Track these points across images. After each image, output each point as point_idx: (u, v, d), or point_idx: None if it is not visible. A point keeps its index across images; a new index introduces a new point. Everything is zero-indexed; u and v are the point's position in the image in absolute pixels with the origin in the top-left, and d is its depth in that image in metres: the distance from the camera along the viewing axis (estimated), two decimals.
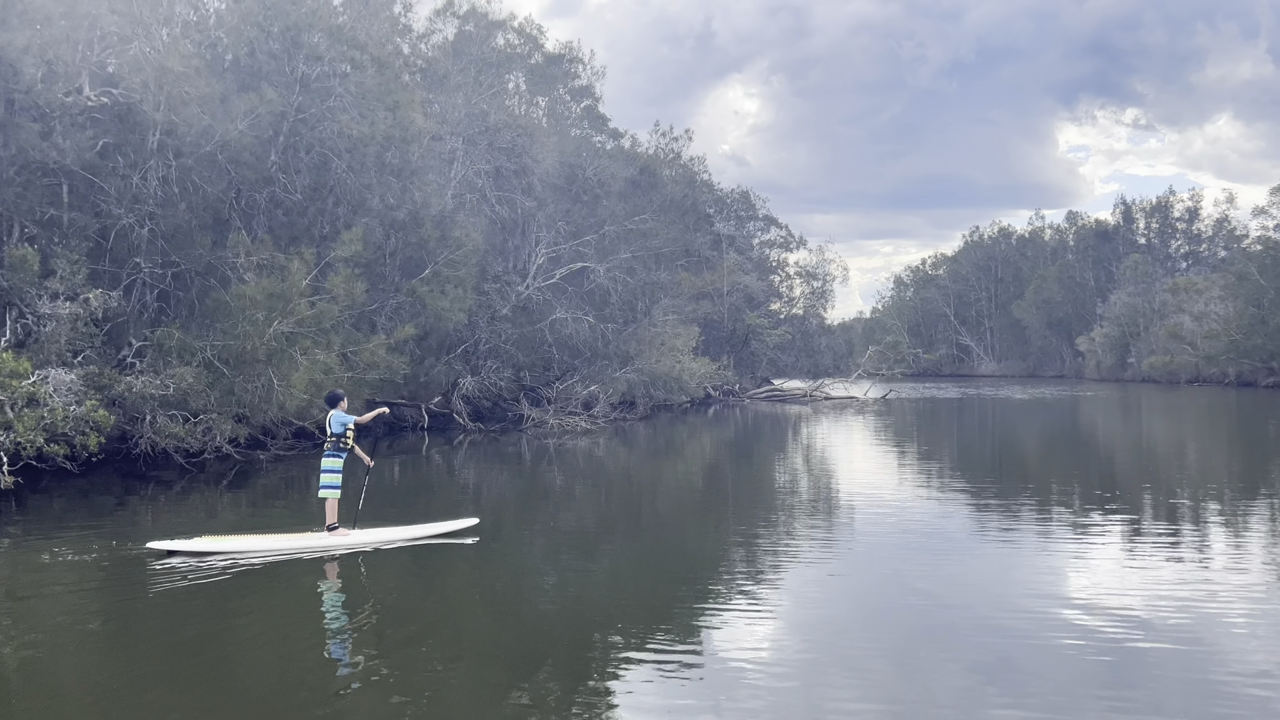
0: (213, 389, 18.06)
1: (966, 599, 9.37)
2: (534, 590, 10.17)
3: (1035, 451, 26.50)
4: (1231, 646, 7.68)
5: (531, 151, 35.82)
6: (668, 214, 48.36)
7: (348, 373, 19.07)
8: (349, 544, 11.47)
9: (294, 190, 23.02)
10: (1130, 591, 9.45)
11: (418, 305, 23.79)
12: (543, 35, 44.35)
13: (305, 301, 18.33)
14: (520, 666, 7.51)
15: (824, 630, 8.49)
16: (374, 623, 8.90)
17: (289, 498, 16.70)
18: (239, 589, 9.77)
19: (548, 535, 13.19)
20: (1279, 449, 25.28)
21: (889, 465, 22.34)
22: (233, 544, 11.03)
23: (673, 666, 7.45)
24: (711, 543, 12.84)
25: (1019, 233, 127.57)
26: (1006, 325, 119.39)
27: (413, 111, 23.48)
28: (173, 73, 18.02)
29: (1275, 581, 9.92)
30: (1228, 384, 69.46)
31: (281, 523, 13.29)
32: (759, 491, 18.37)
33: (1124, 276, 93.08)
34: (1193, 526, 13.08)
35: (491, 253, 35.98)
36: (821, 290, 67.78)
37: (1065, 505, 15.31)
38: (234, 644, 8.13)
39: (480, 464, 22.14)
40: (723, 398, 52.57)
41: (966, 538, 12.64)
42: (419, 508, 14.84)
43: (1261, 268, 69.93)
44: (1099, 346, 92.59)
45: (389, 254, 25.94)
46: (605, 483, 19.45)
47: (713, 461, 23.96)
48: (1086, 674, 7.07)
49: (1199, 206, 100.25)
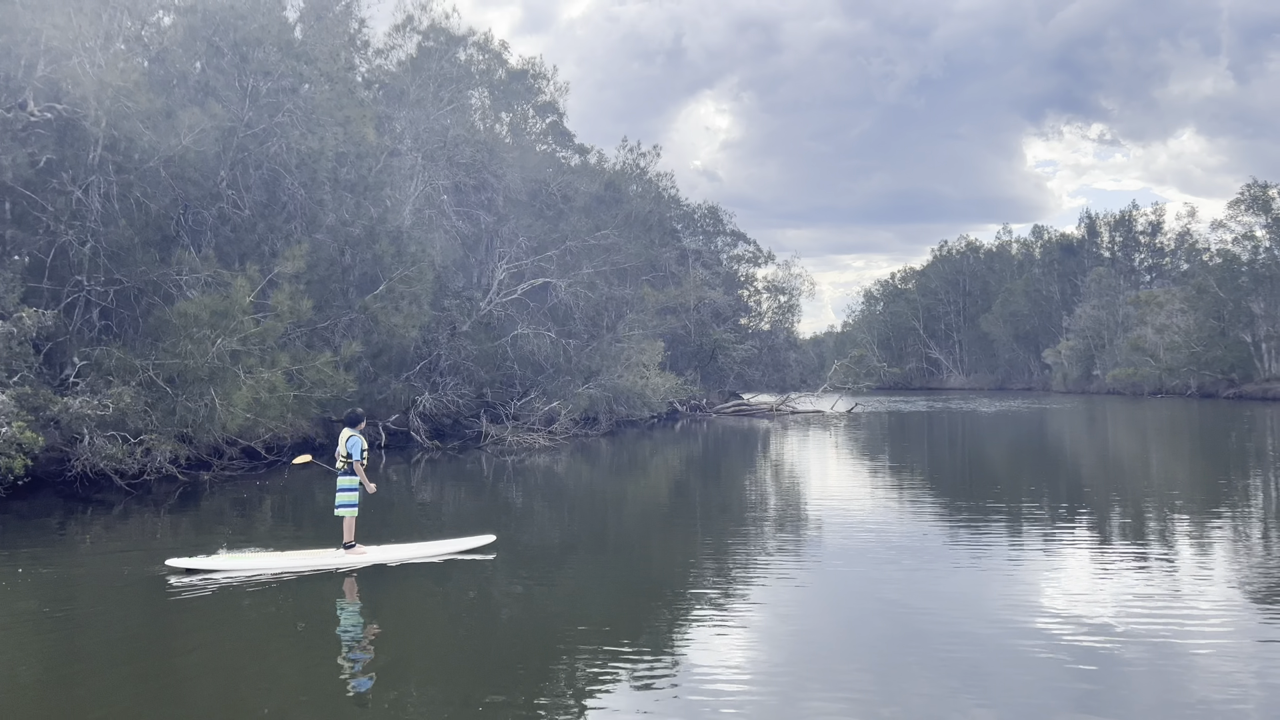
0: (154, 409, 17.69)
1: (938, 609, 9.37)
2: (499, 608, 10.01)
3: (1004, 464, 26.60)
4: (1199, 654, 7.75)
5: (492, 167, 35.71)
6: (632, 229, 48.39)
7: (294, 391, 18.75)
8: (366, 561, 11.46)
9: (243, 206, 22.71)
10: (1099, 601, 9.51)
11: (370, 322, 23.50)
12: (506, 51, 44.44)
13: (249, 319, 18.01)
14: (487, 685, 7.39)
15: (797, 641, 8.48)
16: (339, 642, 8.65)
17: (232, 520, 16.32)
18: (238, 606, 9.60)
19: (512, 551, 12.94)
20: (1239, 460, 25.52)
21: (857, 479, 22.28)
22: (251, 562, 11.07)
23: (645, 681, 7.41)
24: (680, 557, 12.69)
25: (986, 247, 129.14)
26: (975, 338, 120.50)
27: (365, 127, 23.28)
28: (112, 87, 17.72)
29: (1239, 590, 9.99)
30: (1189, 395, 70.38)
31: (225, 544, 13.02)
32: (726, 506, 18.19)
33: (1089, 290, 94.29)
34: (1159, 537, 13.17)
35: (452, 268, 35.76)
36: (788, 305, 67.92)
37: (1034, 516, 15.31)
38: (198, 666, 7.85)
39: (438, 482, 21.85)
40: (690, 413, 52.50)
41: (937, 549, 12.62)
42: (389, 528, 14.57)
43: (1220, 281, 71.04)
44: (1065, 359, 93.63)
45: (343, 270, 25.65)
46: (568, 499, 19.21)
47: (678, 477, 23.80)
48: (1057, 683, 7.12)
49: (1161, 220, 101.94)
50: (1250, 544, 12.77)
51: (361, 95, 27.88)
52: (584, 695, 7.19)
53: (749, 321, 71.16)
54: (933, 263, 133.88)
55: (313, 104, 22.25)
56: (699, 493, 20.47)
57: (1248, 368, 69.85)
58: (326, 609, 10.07)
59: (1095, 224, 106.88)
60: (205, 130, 20.15)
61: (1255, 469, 22.68)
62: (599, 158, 60.41)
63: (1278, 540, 13.12)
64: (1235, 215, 70.88)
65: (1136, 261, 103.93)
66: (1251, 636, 8.26)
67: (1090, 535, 13.26)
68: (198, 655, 8.29)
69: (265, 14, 22.72)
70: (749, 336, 64.34)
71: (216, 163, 22.24)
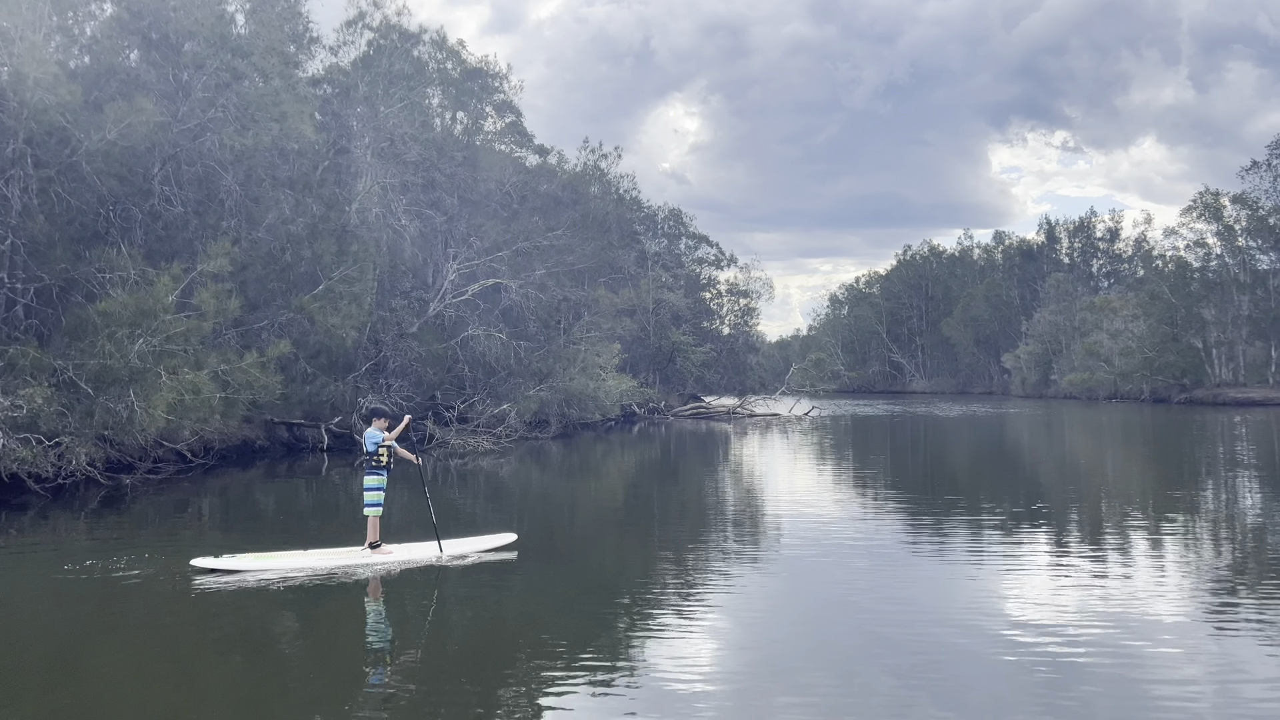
0: (71, 411, 17.16)
1: (899, 611, 9.38)
2: (450, 616, 9.76)
3: (964, 468, 26.67)
4: (1157, 656, 7.83)
5: (443, 166, 35.30)
6: (590, 230, 48.11)
7: (221, 393, 18.28)
8: (391, 561, 11.50)
9: (175, 203, 22.18)
10: (1058, 603, 9.55)
11: (307, 322, 23.05)
12: (464, 49, 44.01)
13: (172, 318, 17.52)
14: (442, 695, 7.23)
15: (757, 642, 8.44)
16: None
17: (157, 524, 15.82)
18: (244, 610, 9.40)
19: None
20: (1191, 465, 25.84)
21: (815, 483, 22.11)
22: (275, 561, 11.11)
23: (601, 685, 7.30)
24: (636, 561, 12.46)
25: (949, 252, 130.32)
26: (937, 343, 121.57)
27: (302, 123, 22.82)
28: (31, 79, 17.19)
29: (1193, 592, 10.04)
30: (1143, 400, 71.37)
31: (155, 549, 12.63)
32: (684, 510, 17.90)
33: (1047, 295, 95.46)
34: (1115, 540, 13.24)
35: (401, 269, 35.31)
36: (748, 308, 68.01)
37: (994, 520, 15.30)
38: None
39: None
40: (647, 415, 52.32)
41: (896, 552, 12.58)
42: (329, 532, 14.23)
43: (1173, 287, 72.14)
44: (1023, 364, 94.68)
45: (282, 269, 25.16)
46: (516, 503, 18.85)
47: (630, 480, 23.50)
48: (1017, 683, 7.18)
49: (1119, 227, 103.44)
50: (1202, 547, 12.94)
51: (305, 91, 27.36)
52: (539, 700, 7.07)
53: (713, 324, 71.25)
54: (896, 267, 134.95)
55: (245, 99, 21.76)
56: (654, 496, 20.20)
57: (1199, 373, 70.99)
58: (342, 610, 10.02)
59: (1055, 230, 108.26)
60: (132, 125, 19.63)
61: (1207, 474, 22.95)
62: (559, 158, 60.18)
63: (1229, 543, 13.31)
64: (1188, 223, 72.05)
65: (1095, 268, 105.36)
66: (1205, 637, 8.37)
67: (1049, 538, 13.34)
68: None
69: (200, 7, 22.22)
70: (708, 339, 64.26)
71: (148, 158, 21.70)
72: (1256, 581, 10.54)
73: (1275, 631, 8.48)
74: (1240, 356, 71.44)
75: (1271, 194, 70.42)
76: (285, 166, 26.51)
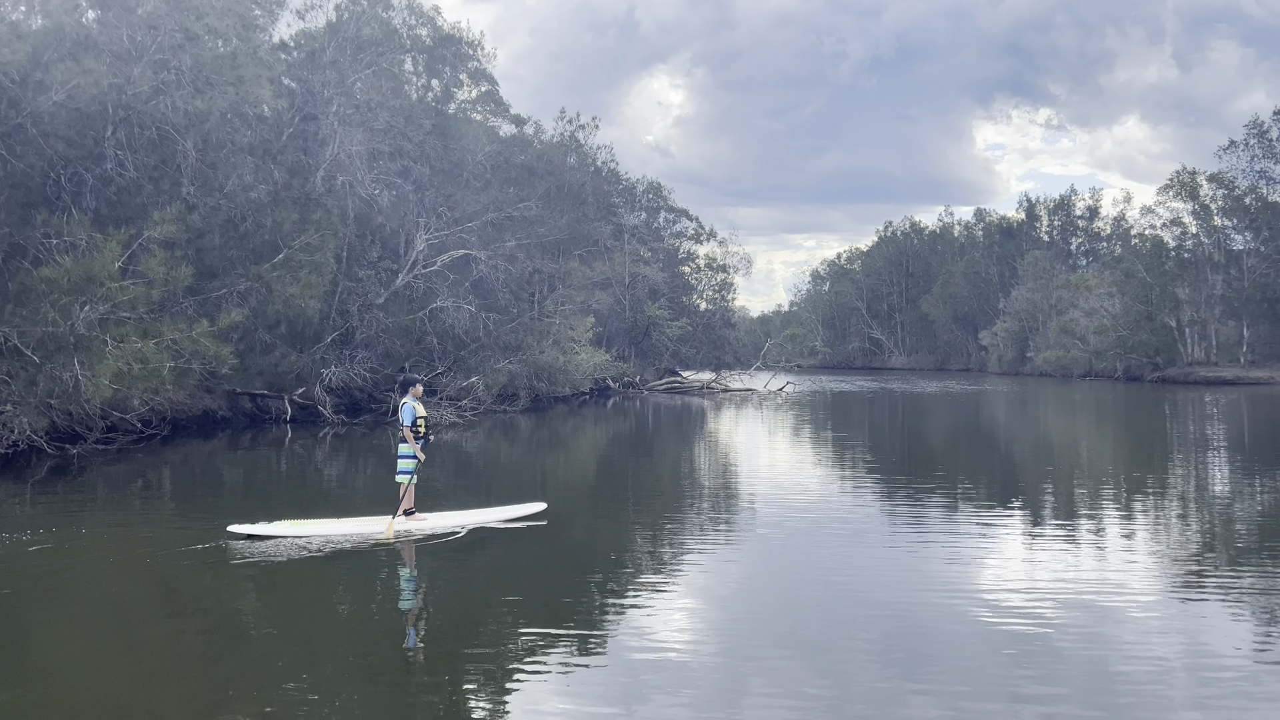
0: (15, 378, 16.78)
1: (873, 585, 9.46)
2: (416, 591, 9.61)
3: (940, 447, 26.63)
4: (1128, 631, 7.94)
5: (410, 133, 34.73)
6: (564, 202, 47.58)
7: (171, 362, 17.91)
8: (425, 529, 11.75)
9: (129, 167, 21.66)
10: (1033, 580, 9.63)
11: (265, 291, 22.64)
12: (439, 15, 43.22)
13: (118, 286, 17.11)
14: (412, 670, 7.17)
15: (731, 620, 8.39)
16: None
17: (104, 495, 15.49)
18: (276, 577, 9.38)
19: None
20: (1162, 442, 26.06)
21: (791, 461, 21.86)
22: (310, 528, 11.31)
23: (580, 661, 7.25)
24: (609, 534, 12.30)
25: (930, 229, 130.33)
26: (916, 319, 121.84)
27: (260, 88, 22.28)
28: None
29: (1165, 568, 10.16)
30: (1116, 378, 71.85)
31: (96, 523, 12.37)
32: (658, 484, 17.67)
33: (1025, 273, 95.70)
34: (1089, 517, 13.33)
35: (369, 238, 34.79)
36: (725, 282, 67.78)
37: (969, 498, 15.34)
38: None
39: (345, 458, 21.19)
40: (622, 389, 52.15)
41: (872, 531, 12.54)
42: (295, 504, 14.02)
43: (1148, 265, 72.43)
44: (1000, 341, 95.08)
45: (242, 236, 24.70)
46: (485, 476, 18.59)
47: (602, 454, 23.30)
48: (991, 659, 7.26)
49: (1099, 205, 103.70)
50: (1172, 524, 13.08)
51: (267, 55, 26.75)
52: (511, 674, 6.97)
53: (691, 299, 70.90)
54: (878, 244, 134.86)
55: (202, 62, 21.20)
56: (628, 472, 19.99)
57: (1172, 352, 71.47)
58: (374, 576, 10.03)
59: (1035, 208, 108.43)
60: (80, 86, 19.09)
61: (1178, 452, 23.10)
62: (536, 128, 59.45)
63: (1198, 519, 13.48)
64: (1164, 201, 72.21)
65: (1074, 246, 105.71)
66: (1175, 610, 8.52)
67: (1023, 516, 13.39)
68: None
69: None
70: (685, 313, 63.97)
71: (99, 121, 21.16)
72: (1224, 558, 10.66)
73: (1242, 606, 8.63)
74: (1213, 336, 71.96)
75: (1248, 174, 70.70)
76: (246, 132, 25.96)
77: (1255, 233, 70.73)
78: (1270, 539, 11.77)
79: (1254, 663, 7.12)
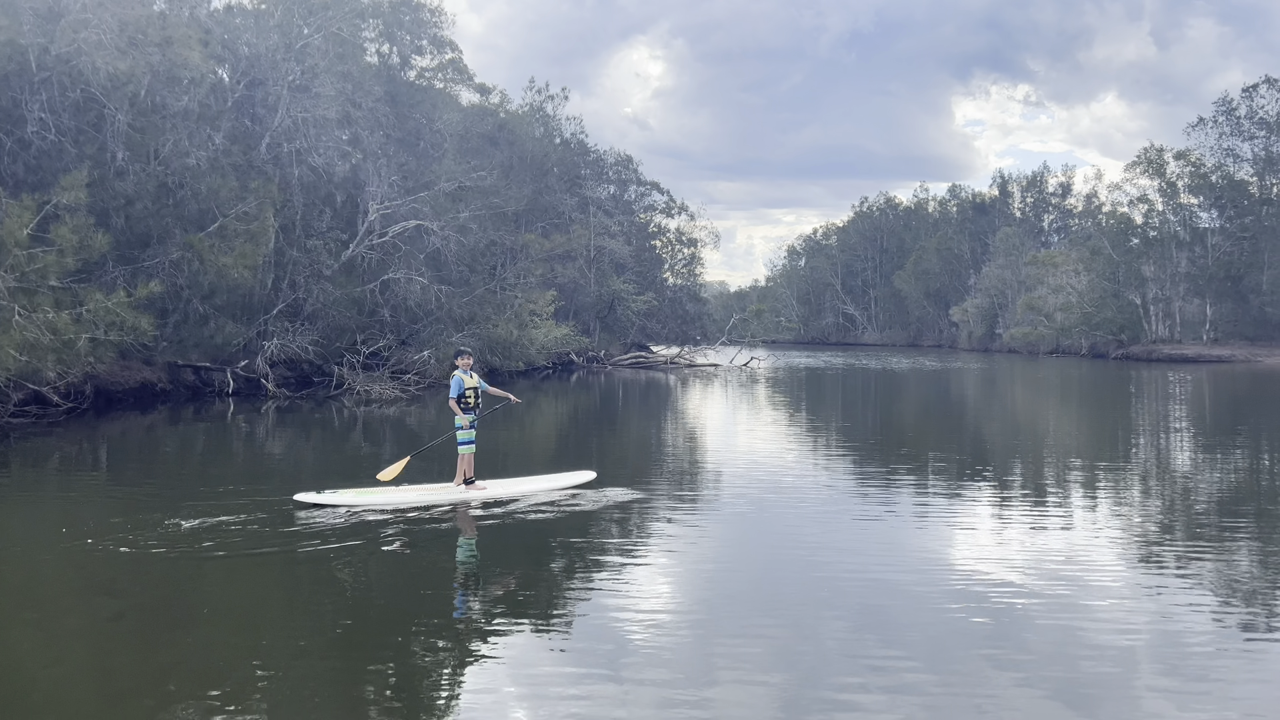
0: None
1: (847, 558, 9.53)
2: (381, 567, 9.28)
3: (909, 420, 26.69)
4: (1095, 602, 8.09)
5: (360, 100, 33.87)
6: (524, 173, 46.84)
7: (86, 333, 17.30)
8: (485, 496, 11.99)
9: (50, 130, 20.89)
10: (1003, 553, 9.77)
11: (197, 261, 21.97)
12: None
13: (27, 253, 16.44)
14: (378, 649, 6.95)
15: (704, 594, 8.42)
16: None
17: (17, 472, 14.92)
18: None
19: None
20: (1126, 419, 26.19)
21: (759, 436, 21.70)
22: (373, 498, 11.51)
23: (557, 632, 7.30)
24: (577, 516, 11.90)
25: (905, 204, 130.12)
26: (889, 295, 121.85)
27: (189, 50, 21.49)
28: None
29: (1130, 541, 10.36)
30: (1081, 355, 72.17)
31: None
32: (623, 459, 17.42)
33: (996, 249, 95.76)
34: (1057, 492, 13.56)
35: (316, 207, 34.01)
36: (694, 256, 67.34)
37: (940, 473, 15.38)
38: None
39: (289, 432, 20.67)
40: (586, 364, 51.75)
41: (844, 505, 12.59)
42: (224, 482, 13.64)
43: (1114, 242, 72.59)
44: (970, 317, 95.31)
45: (176, 204, 23.97)
46: (436, 454, 18.09)
47: (562, 430, 22.88)
48: (962, 629, 7.40)
49: (1071, 182, 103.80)
50: (1137, 498, 13.38)
51: (202, 18, 25.86)
52: (481, 647, 6.94)
53: (660, 273, 70.32)
54: (853, 219, 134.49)
55: (124, 22, 20.38)
56: (591, 446, 19.55)
57: (1136, 329, 71.84)
58: (434, 545, 10.25)
59: (1008, 184, 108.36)
60: None
61: (1143, 429, 23.33)
62: (502, 98, 58.48)
63: (1161, 494, 13.79)
64: (1131, 178, 72.26)
65: (1046, 223, 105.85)
66: (1141, 584, 8.66)
67: (993, 491, 13.51)
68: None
69: None
70: (652, 287, 63.44)
71: (16, 82, 20.34)
72: (1188, 531, 10.89)
73: (1206, 578, 8.83)
74: (1176, 314, 72.37)
75: (1215, 151, 70.81)
76: (183, 96, 25.14)
77: (1220, 210, 70.99)
78: (1228, 514, 12.08)
79: (1218, 628, 7.37)
